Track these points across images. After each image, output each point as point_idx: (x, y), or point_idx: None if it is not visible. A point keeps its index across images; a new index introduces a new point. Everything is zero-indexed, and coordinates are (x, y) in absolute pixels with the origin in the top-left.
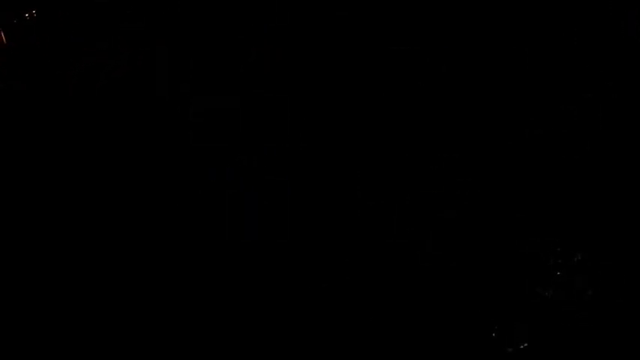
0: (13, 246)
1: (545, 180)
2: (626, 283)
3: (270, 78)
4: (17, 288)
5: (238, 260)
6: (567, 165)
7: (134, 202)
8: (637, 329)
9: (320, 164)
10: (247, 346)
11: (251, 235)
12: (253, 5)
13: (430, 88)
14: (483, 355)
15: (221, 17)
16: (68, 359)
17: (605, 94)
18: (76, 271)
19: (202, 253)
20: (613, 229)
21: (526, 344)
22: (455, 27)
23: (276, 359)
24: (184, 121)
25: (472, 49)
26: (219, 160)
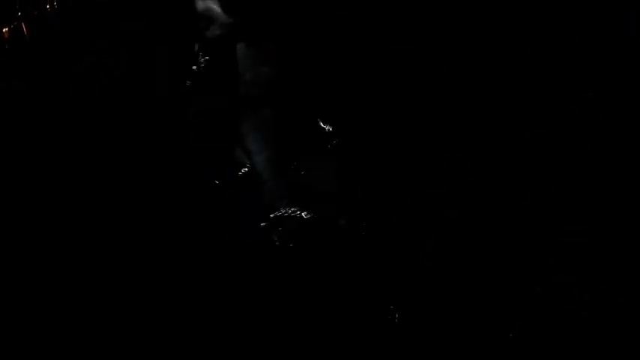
0: (12, 244)
1: (545, 179)
2: (626, 283)
3: (270, 78)
4: (17, 287)
5: (238, 260)
6: (568, 164)
7: (134, 201)
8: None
9: (320, 164)
10: (248, 345)
11: (251, 235)
12: (253, 5)
13: (431, 87)
14: (483, 354)
15: (221, 17)
16: (68, 359)
17: (605, 94)
18: (76, 270)
19: (202, 253)
20: (613, 228)
21: (527, 343)
22: (456, 27)
23: (276, 358)
24: (184, 121)
25: (473, 49)
26: (219, 160)
